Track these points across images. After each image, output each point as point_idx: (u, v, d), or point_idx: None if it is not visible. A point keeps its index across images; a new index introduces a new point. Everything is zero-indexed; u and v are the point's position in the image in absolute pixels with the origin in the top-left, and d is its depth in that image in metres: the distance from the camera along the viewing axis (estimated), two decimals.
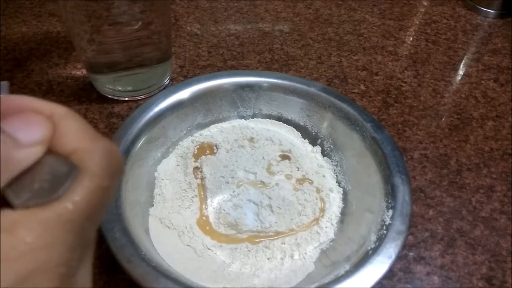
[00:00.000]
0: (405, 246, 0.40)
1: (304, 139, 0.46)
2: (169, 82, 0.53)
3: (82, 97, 0.51)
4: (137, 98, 0.50)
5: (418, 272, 0.38)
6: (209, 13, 0.64)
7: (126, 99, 0.50)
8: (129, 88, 0.50)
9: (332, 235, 0.38)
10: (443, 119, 0.52)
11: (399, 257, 0.39)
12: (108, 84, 0.50)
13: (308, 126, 0.46)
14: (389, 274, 0.38)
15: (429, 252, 0.40)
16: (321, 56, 0.59)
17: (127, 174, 0.37)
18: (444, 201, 0.44)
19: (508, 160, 0.48)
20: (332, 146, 0.44)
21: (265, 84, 0.45)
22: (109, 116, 0.49)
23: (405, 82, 0.56)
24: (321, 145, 0.45)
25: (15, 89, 0.51)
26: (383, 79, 0.56)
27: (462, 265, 0.39)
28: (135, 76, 0.49)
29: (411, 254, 0.40)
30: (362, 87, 0.55)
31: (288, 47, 0.60)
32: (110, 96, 0.50)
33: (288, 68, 0.56)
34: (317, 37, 0.62)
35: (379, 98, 0.54)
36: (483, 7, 0.68)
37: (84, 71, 0.53)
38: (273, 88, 0.45)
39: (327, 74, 0.56)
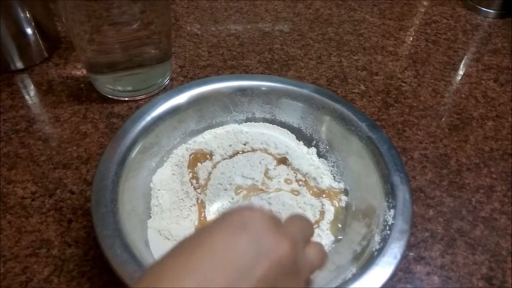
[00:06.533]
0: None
1: (299, 141, 0.45)
2: (169, 82, 0.53)
3: (82, 97, 0.51)
4: (137, 98, 0.50)
5: (418, 272, 0.38)
6: (209, 13, 0.64)
7: (126, 99, 0.50)
8: (129, 88, 0.50)
9: (333, 238, 0.38)
10: (443, 119, 0.52)
11: None
12: (108, 84, 0.50)
13: (302, 128, 0.45)
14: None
15: (429, 252, 0.40)
16: (321, 56, 0.59)
17: (123, 186, 0.36)
18: (444, 201, 0.44)
19: (508, 160, 0.48)
20: (327, 147, 0.44)
21: (257, 88, 0.45)
22: (109, 116, 0.49)
23: (405, 82, 0.56)
24: (317, 147, 0.45)
25: (14, 89, 0.51)
26: (383, 79, 0.56)
27: (462, 265, 0.39)
28: (135, 76, 0.49)
29: (411, 254, 0.39)
30: (362, 87, 0.55)
31: (288, 47, 0.60)
32: (110, 96, 0.50)
33: (288, 68, 0.56)
34: (317, 37, 0.62)
35: (379, 98, 0.54)
36: (483, 7, 0.68)
37: (84, 71, 0.53)
38: (265, 91, 0.45)
39: (327, 74, 0.56)
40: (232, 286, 0.21)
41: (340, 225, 0.39)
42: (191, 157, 0.43)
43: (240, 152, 0.44)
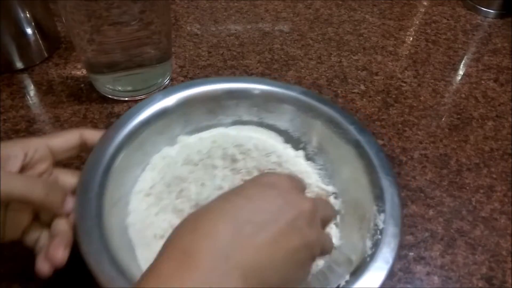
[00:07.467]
0: (405, 246, 0.40)
1: (287, 143, 0.44)
2: (169, 82, 0.53)
3: (82, 97, 0.51)
4: (137, 98, 0.50)
5: (418, 272, 0.38)
6: (209, 13, 0.64)
7: (126, 99, 0.50)
8: (129, 88, 0.50)
9: None
10: (443, 119, 0.52)
11: (399, 257, 0.39)
12: (108, 84, 0.50)
13: (290, 131, 0.44)
14: (389, 274, 0.38)
15: (429, 252, 0.40)
16: (321, 56, 0.59)
17: (109, 197, 0.34)
18: (444, 201, 0.44)
19: (508, 160, 0.48)
20: (315, 150, 0.43)
21: (244, 90, 0.44)
22: (109, 116, 0.49)
23: (405, 82, 0.56)
24: (305, 149, 0.44)
25: (14, 89, 0.51)
26: (383, 79, 0.56)
27: (462, 265, 0.39)
28: (135, 76, 0.49)
29: (411, 254, 0.40)
30: (362, 87, 0.55)
31: (288, 47, 0.60)
32: (110, 96, 0.50)
33: (288, 68, 0.56)
34: (317, 37, 0.62)
35: (379, 98, 0.54)
36: (483, 7, 0.68)
37: (84, 71, 0.53)
38: (252, 94, 0.44)
39: (327, 74, 0.56)
40: (263, 227, 0.25)
41: (330, 229, 0.38)
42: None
43: None
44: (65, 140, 0.34)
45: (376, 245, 0.33)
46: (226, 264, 0.23)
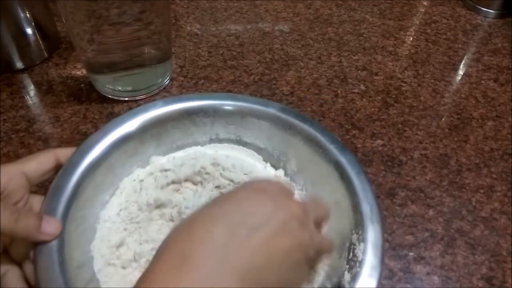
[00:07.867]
0: (405, 246, 0.40)
1: (266, 162, 0.43)
2: (169, 82, 0.53)
3: (82, 97, 0.51)
4: (137, 98, 0.50)
5: (418, 272, 0.38)
6: (209, 13, 0.64)
7: (126, 99, 0.50)
8: (129, 88, 0.50)
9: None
10: (443, 119, 0.52)
11: (399, 257, 0.39)
12: (108, 84, 0.50)
13: (269, 149, 0.42)
14: (389, 274, 0.38)
15: (429, 252, 0.40)
16: (321, 56, 0.59)
17: (74, 228, 0.32)
18: (444, 201, 0.44)
19: (508, 160, 0.48)
20: (295, 169, 0.41)
21: (220, 107, 0.41)
22: (109, 116, 0.49)
23: (405, 82, 0.56)
24: (284, 168, 0.42)
25: (14, 89, 0.51)
26: (383, 79, 0.56)
27: (462, 265, 0.39)
28: (135, 76, 0.49)
29: (411, 254, 0.40)
30: (362, 87, 0.55)
31: (288, 47, 0.60)
32: (110, 96, 0.50)
33: (288, 68, 0.56)
34: (317, 37, 0.62)
35: (379, 98, 0.54)
36: (483, 7, 0.68)
37: (84, 71, 0.53)
38: (228, 110, 0.42)
39: (327, 74, 0.56)
40: (256, 229, 0.25)
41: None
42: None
43: None
44: (40, 163, 0.32)
45: (354, 279, 0.31)
46: (222, 267, 0.23)
